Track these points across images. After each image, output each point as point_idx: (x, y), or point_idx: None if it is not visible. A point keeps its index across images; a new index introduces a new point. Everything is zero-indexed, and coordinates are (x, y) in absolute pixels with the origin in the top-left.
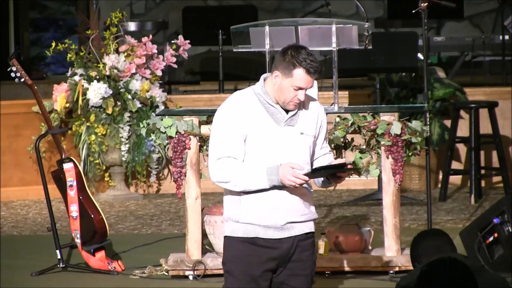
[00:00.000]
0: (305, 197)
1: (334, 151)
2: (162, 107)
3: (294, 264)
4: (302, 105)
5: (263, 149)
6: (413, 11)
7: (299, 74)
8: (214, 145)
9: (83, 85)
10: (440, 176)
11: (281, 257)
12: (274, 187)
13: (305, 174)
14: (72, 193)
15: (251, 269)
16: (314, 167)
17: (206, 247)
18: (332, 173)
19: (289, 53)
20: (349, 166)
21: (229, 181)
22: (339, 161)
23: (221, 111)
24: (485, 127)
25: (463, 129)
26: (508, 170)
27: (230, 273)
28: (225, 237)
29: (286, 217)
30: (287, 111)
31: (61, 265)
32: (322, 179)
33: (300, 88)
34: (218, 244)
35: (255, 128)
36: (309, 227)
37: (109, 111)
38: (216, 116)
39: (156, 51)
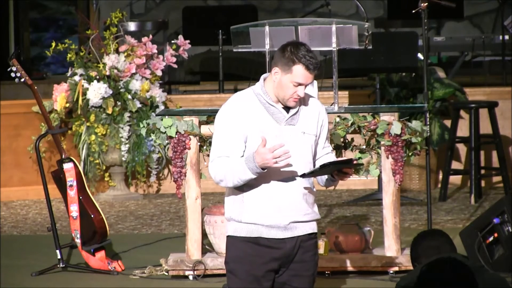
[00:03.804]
0: (308, 197)
1: (334, 151)
2: (162, 107)
3: (297, 264)
4: (303, 104)
5: None
6: (413, 11)
7: (299, 70)
8: (213, 147)
9: (83, 85)
10: (440, 176)
11: (284, 257)
12: (276, 185)
13: (313, 171)
14: (72, 193)
15: (254, 269)
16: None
17: (206, 247)
18: (339, 169)
19: (288, 49)
20: (355, 162)
21: (223, 180)
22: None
23: (221, 112)
24: (485, 127)
25: (463, 129)
26: (508, 170)
27: (233, 273)
28: (227, 236)
29: (289, 217)
30: (287, 111)
31: (61, 265)
32: (325, 177)
33: (300, 84)
34: (218, 244)
35: (256, 128)
36: (312, 228)
37: (109, 111)
38: (217, 118)
39: (156, 51)
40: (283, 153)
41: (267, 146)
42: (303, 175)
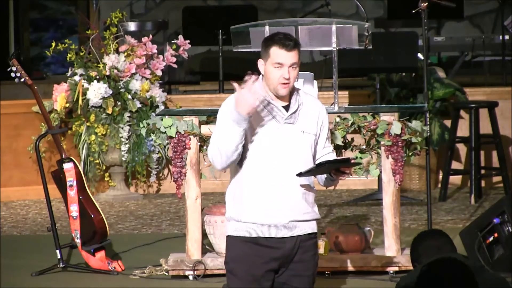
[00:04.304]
0: (308, 196)
1: (334, 151)
2: (162, 107)
3: (296, 264)
4: (303, 103)
5: (263, 147)
6: (413, 11)
7: (274, 51)
8: (211, 139)
9: (83, 85)
10: (440, 176)
11: (284, 257)
12: (275, 185)
13: (309, 170)
14: (72, 193)
15: (254, 269)
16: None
17: (206, 247)
18: (336, 168)
19: (266, 38)
20: (353, 161)
21: (220, 153)
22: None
23: (221, 110)
24: (485, 127)
25: (463, 129)
26: (508, 170)
27: (233, 273)
28: (227, 236)
29: (289, 216)
30: (287, 109)
31: (61, 265)
32: (325, 176)
33: (280, 64)
34: (218, 244)
35: (254, 125)
36: (312, 228)
37: (109, 111)
38: (218, 115)
39: (156, 51)
40: (251, 82)
41: (265, 144)
42: (300, 174)
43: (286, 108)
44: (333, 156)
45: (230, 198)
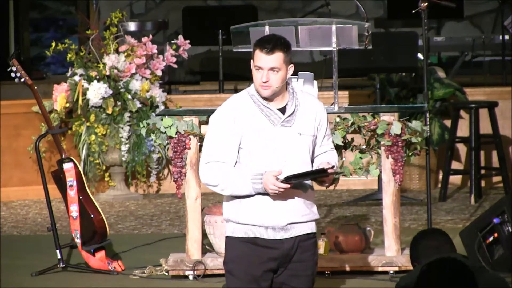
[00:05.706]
0: (306, 197)
1: (334, 149)
2: (162, 107)
3: (295, 264)
4: (300, 104)
5: (260, 151)
6: (413, 11)
7: (256, 54)
8: (204, 149)
9: (83, 85)
10: (440, 176)
11: (282, 257)
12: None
13: (281, 181)
14: (72, 193)
15: (252, 269)
16: (287, 174)
17: (206, 247)
18: (313, 178)
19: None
20: (329, 171)
21: (217, 185)
22: (322, 165)
23: (214, 115)
24: (485, 127)
25: (463, 129)
26: (508, 170)
27: (232, 273)
28: (226, 237)
29: (287, 218)
30: (283, 112)
31: (61, 265)
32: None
33: (259, 67)
34: (218, 244)
35: (251, 130)
36: (310, 228)
37: (109, 111)
38: (211, 119)
39: (156, 51)
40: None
41: (262, 148)
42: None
43: (283, 110)
44: (331, 154)
45: (228, 200)
